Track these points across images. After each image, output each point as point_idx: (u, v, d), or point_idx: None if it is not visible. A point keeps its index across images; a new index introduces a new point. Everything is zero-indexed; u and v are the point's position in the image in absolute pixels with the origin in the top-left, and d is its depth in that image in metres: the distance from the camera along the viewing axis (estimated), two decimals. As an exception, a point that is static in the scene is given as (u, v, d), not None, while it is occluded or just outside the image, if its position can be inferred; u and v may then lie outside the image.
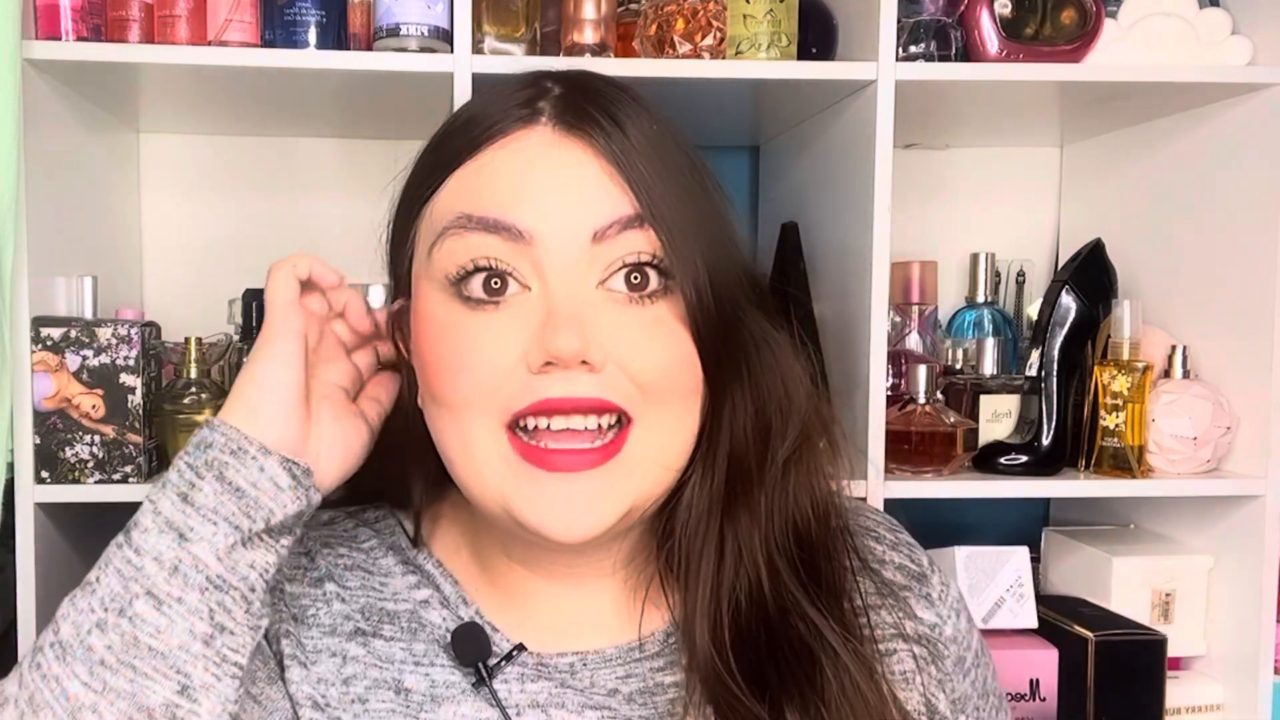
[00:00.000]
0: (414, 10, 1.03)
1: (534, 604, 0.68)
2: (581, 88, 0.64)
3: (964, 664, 0.71)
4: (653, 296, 0.61)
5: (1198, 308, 1.22)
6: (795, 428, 0.66)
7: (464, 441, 0.61)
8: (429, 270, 0.63)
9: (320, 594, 0.67)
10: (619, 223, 0.60)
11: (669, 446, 0.62)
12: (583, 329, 0.58)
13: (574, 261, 0.60)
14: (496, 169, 0.62)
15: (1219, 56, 1.12)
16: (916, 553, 0.74)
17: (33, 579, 1.02)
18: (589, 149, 0.61)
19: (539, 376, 0.59)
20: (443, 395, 0.61)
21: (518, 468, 0.60)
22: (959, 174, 1.46)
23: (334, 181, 1.39)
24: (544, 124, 0.62)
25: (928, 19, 1.11)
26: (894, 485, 1.09)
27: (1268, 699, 1.14)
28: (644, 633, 0.67)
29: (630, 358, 0.60)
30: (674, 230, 0.60)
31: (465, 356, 0.60)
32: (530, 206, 0.60)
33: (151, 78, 1.09)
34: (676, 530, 0.65)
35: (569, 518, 0.59)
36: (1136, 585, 1.20)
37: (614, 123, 0.62)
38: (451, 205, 0.62)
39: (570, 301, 0.59)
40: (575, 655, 0.66)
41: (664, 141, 0.63)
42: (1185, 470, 1.16)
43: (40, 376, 1.02)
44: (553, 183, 0.60)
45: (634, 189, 0.60)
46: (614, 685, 0.66)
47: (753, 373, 0.65)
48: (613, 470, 0.60)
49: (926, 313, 1.30)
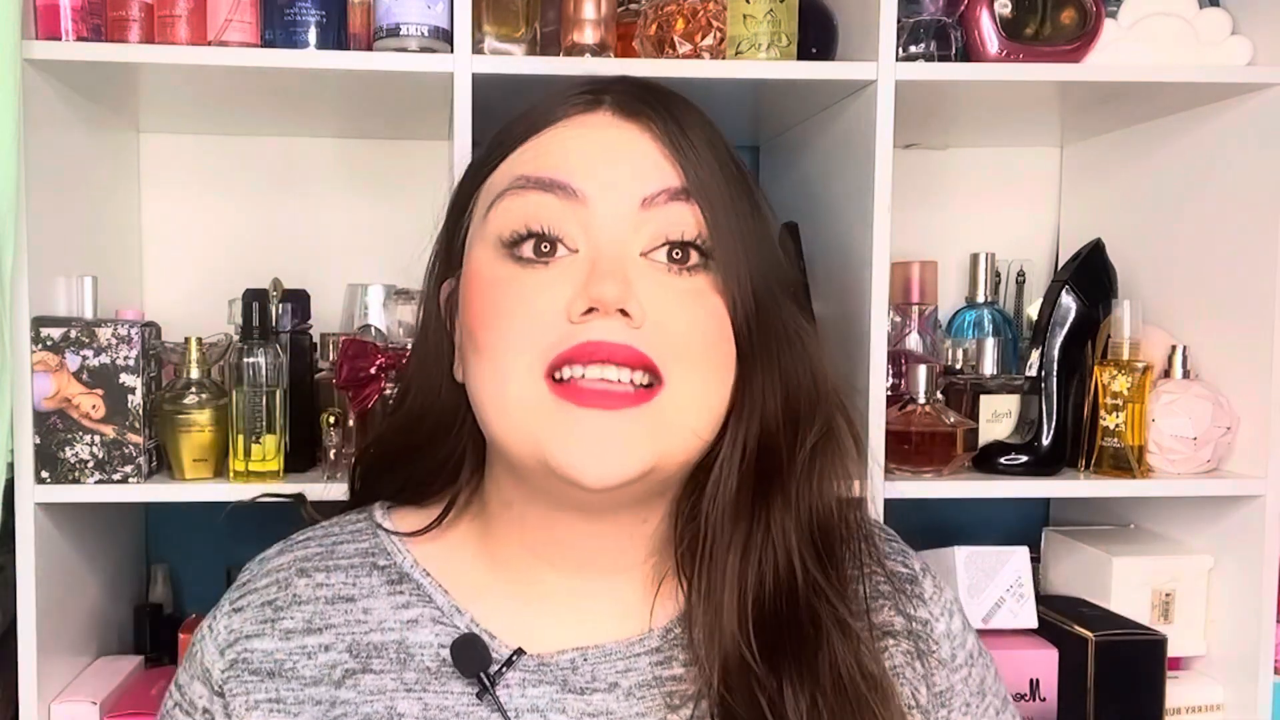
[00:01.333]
0: (414, 10, 1.03)
1: (539, 597, 0.68)
2: (642, 85, 0.68)
3: (955, 660, 0.72)
4: (693, 270, 0.63)
5: (1198, 308, 1.22)
6: (822, 419, 0.68)
7: (502, 387, 0.62)
8: (483, 231, 0.66)
9: (299, 646, 0.67)
10: (667, 192, 0.63)
11: (699, 413, 0.63)
12: (626, 279, 0.61)
13: (621, 223, 0.62)
14: (556, 142, 0.65)
15: (1219, 56, 1.12)
16: (909, 558, 0.75)
17: (33, 579, 1.02)
18: (645, 132, 0.64)
19: (579, 325, 0.60)
20: (486, 343, 0.63)
21: (553, 408, 0.61)
22: (959, 174, 1.46)
23: (334, 181, 1.39)
24: (604, 110, 0.66)
25: (928, 19, 1.11)
26: (894, 485, 1.09)
27: (1268, 699, 1.14)
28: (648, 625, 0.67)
29: (668, 319, 0.62)
30: (718, 210, 0.63)
31: (512, 306, 0.62)
32: (584, 170, 0.63)
33: (151, 78, 1.09)
34: (704, 509, 0.65)
35: (599, 457, 0.60)
36: (1136, 585, 1.20)
37: (670, 115, 0.65)
38: (510, 171, 0.65)
39: (616, 257, 0.62)
40: (575, 651, 0.66)
41: (715, 140, 0.66)
42: (1185, 470, 1.16)
43: (40, 376, 1.02)
44: (607, 150, 0.64)
45: (683, 167, 0.64)
46: (614, 679, 0.66)
47: (783, 360, 0.66)
48: (644, 417, 0.61)
49: (926, 313, 1.30)
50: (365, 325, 1.21)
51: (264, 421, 1.06)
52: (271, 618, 0.68)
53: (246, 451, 1.06)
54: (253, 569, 0.72)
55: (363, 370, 1.06)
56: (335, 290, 1.28)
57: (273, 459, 1.07)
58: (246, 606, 0.69)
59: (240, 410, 1.06)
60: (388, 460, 0.75)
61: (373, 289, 1.24)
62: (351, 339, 1.10)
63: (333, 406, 1.12)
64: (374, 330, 1.18)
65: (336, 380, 1.08)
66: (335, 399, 1.12)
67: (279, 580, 0.70)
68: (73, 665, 1.14)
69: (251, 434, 1.06)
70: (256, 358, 1.06)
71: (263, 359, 1.06)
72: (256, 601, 0.69)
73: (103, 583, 1.23)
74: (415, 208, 1.37)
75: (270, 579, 0.70)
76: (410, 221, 1.35)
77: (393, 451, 0.74)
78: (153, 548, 1.39)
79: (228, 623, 0.68)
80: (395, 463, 0.74)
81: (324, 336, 1.19)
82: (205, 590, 1.34)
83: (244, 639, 0.67)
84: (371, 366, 1.06)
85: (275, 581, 0.70)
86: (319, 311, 1.21)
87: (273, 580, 0.70)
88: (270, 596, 0.69)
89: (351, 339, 1.10)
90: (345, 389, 1.08)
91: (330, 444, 1.11)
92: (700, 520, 0.66)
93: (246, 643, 0.67)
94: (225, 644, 0.68)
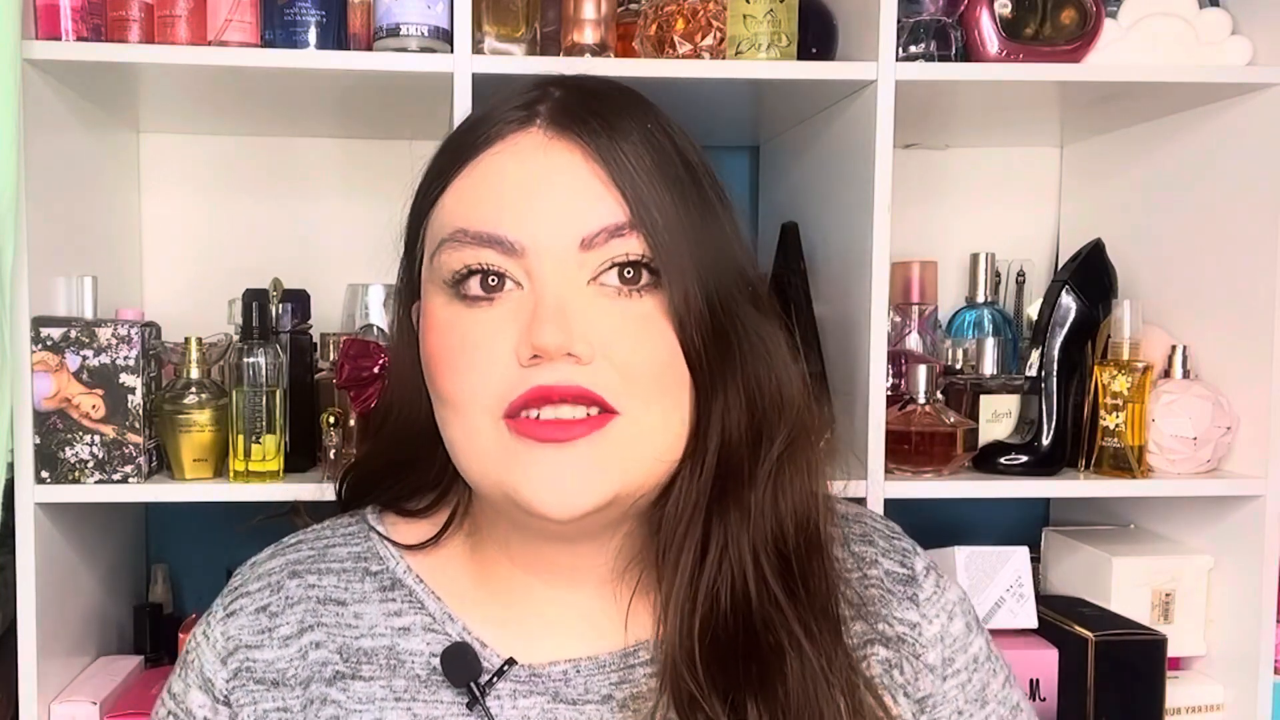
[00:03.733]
0: (414, 10, 1.03)
1: (531, 610, 0.68)
2: (580, 90, 0.65)
3: (951, 665, 0.70)
4: (643, 290, 0.62)
5: (1198, 308, 1.22)
6: (787, 428, 0.66)
7: (467, 434, 0.63)
8: (431, 275, 0.65)
9: (294, 651, 0.67)
10: (606, 230, 0.61)
11: (658, 439, 0.63)
12: (567, 323, 0.60)
13: (562, 266, 0.61)
14: (490, 179, 0.63)
15: (1219, 56, 1.12)
16: (911, 557, 0.73)
17: (33, 579, 1.02)
18: (578, 151, 0.62)
19: (529, 369, 0.60)
20: (446, 392, 0.63)
21: (513, 448, 0.61)
22: (959, 174, 1.46)
23: (334, 181, 1.39)
24: (537, 126, 0.64)
25: (928, 19, 1.11)
26: (894, 485, 1.09)
27: (1268, 699, 1.14)
28: (636, 637, 0.67)
29: (617, 351, 0.61)
30: (662, 233, 0.61)
31: (463, 354, 0.62)
32: (520, 219, 0.61)
33: (151, 78, 1.09)
34: (663, 523, 0.65)
35: (561, 489, 0.60)
36: (1136, 585, 1.20)
37: (607, 124, 0.63)
38: (450, 217, 0.64)
39: (557, 298, 0.60)
40: (568, 663, 0.66)
41: (658, 142, 0.64)
42: (1185, 470, 1.16)
43: (40, 376, 1.02)
44: (542, 191, 0.62)
45: (622, 192, 0.61)
46: (607, 691, 0.66)
47: (745, 372, 0.65)
48: (602, 446, 0.60)
49: (926, 313, 1.30)
50: (366, 325, 1.21)
51: (264, 421, 1.06)
52: (268, 626, 0.68)
53: (246, 451, 1.06)
54: (244, 573, 0.71)
55: (364, 370, 1.06)
56: (335, 290, 1.28)
57: (273, 459, 1.07)
58: (240, 611, 0.69)
59: (240, 410, 1.06)
60: (376, 474, 0.74)
61: (373, 289, 1.24)
62: (352, 339, 1.10)
63: (333, 406, 1.12)
64: (374, 330, 1.18)
65: (337, 380, 1.08)
66: (335, 399, 1.12)
67: (270, 584, 0.69)
68: (73, 665, 1.14)
69: (251, 434, 1.06)
70: (256, 358, 1.06)
71: (263, 359, 1.06)
72: (250, 607, 0.69)
73: (103, 583, 1.23)
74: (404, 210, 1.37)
75: (262, 583, 0.70)
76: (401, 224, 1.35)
77: (380, 467, 0.74)
78: (153, 548, 1.39)
79: (223, 629, 0.68)
80: (383, 476, 0.74)
81: (324, 336, 1.19)
82: (205, 590, 1.34)
83: (245, 649, 0.67)
84: (374, 366, 1.06)
85: (267, 585, 0.69)
86: (319, 311, 1.21)
87: (265, 584, 0.69)
88: (264, 602, 0.69)
89: (352, 339, 1.10)
90: (346, 389, 1.08)
91: (330, 444, 1.11)
92: (662, 538, 0.65)
93: (248, 653, 0.67)
94: (225, 652, 0.67)
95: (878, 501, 1.06)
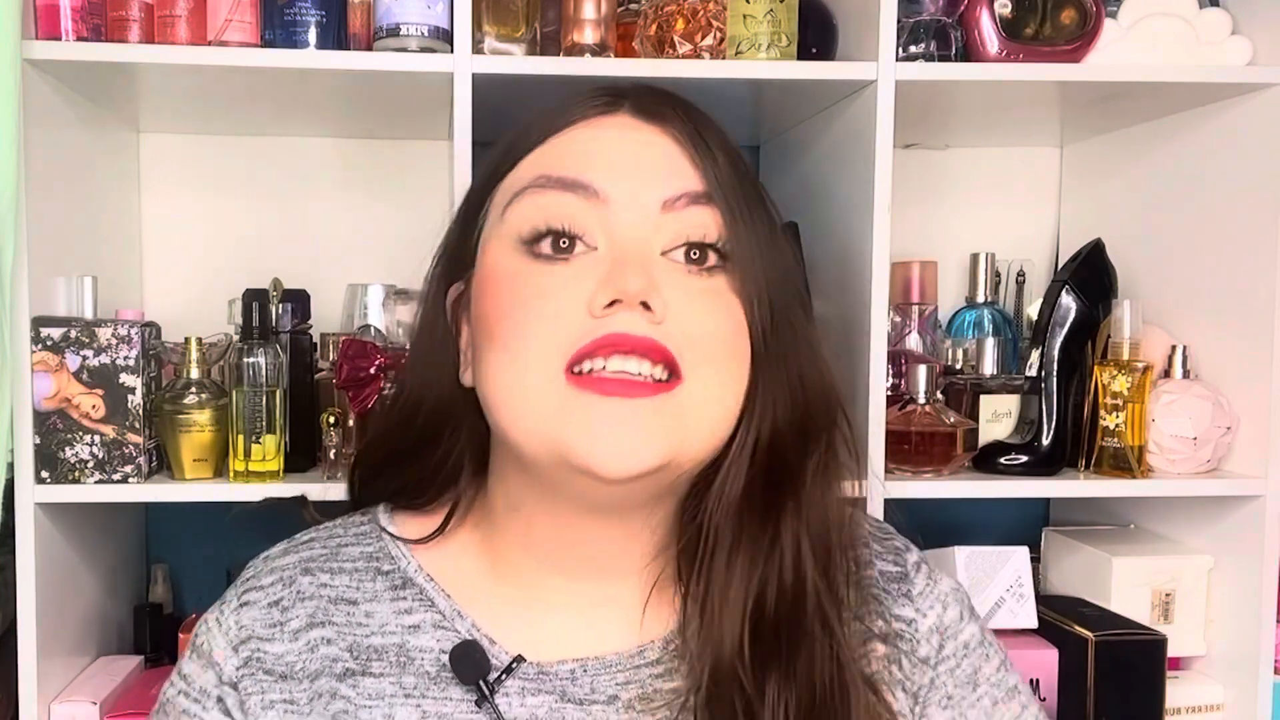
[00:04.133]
0: (414, 10, 1.03)
1: (543, 605, 0.68)
2: (662, 93, 0.69)
3: (941, 653, 0.71)
4: (711, 271, 0.64)
5: (1198, 308, 1.22)
6: (828, 428, 0.68)
7: (520, 382, 0.62)
8: (500, 230, 0.65)
9: (303, 645, 0.67)
10: (688, 195, 0.63)
11: (715, 411, 0.63)
12: (650, 274, 0.61)
13: (642, 223, 0.63)
14: (575, 141, 0.65)
15: (1219, 56, 1.12)
16: (903, 555, 0.74)
17: (33, 579, 1.02)
18: (664, 134, 0.65)
19: (601, 319, 0.60)
20: (504, 338, 0.62)
21: (572, 400, 0.60)
22: (959, 174, 1.46)
23: (334, 181, 1.39)
24: (624, 112, 0.66)
25: (928, 19, 1.11)
26: (894, 485, 1.09)
27: (1268, 699, 1.14)
28: (649, 637, 0.67)
29: (688, 317, 0.62)
30: (736, 215, 0.64)
31: (531, 301, 0.62)
32: (605, 170, 0.63)
33: (151, 78, 1.09)
34: (709, 509, 0.65)
35: (618, 446, 0.59)
36: (1136, 585, 1.20)
37: (690, 117, 0.66)
38: (529, 170, 0.65)
39: (638, 252, 0.62)
40: (575, 661, 0.66)
41: (730, 147, 0.67)
42: (1185, 470, 1.16)
43: (40, 376, 1.02)
44: (629, 152, 0.64)
45: (703, 171, 0.64)
46: (614, 691, 0.66)
47: (791, 364, 0.66)
48: (664, 409, 0.60)
49: (926, 313, 1.30)
50: (365, 325, 1.21)
51: (264, 421, 1.06)
52: (280, 620, 0.68)
53: (246, 451, 1.06)
54: (257, 565, 0.72)
55: (363, 370, 1.06)
56: (335, 290, 1.28)
57: (273, 459, 1.07)
58: (253, 604, 0.69)
59: (240, 410, 1.06)
60: (383, 462, 0.74)
61: (373, 289, 1.24)
62: (351, 339, 1.10)
63: (333, 406, 1.12)
64: (374, 330, 1.18)
65: (336, 380, 1.08)
66: (335, 399, 1.12)
67: (283, 578, 0.70)
68: (73, 665, 1.14)
69: (251, 434, 1.06)
70: (256, 358, 1.06)
71: (263, 359, 1.06)
72: (263, 600, 0.69)
73: (102, 583, 1.23)
74: (415, 208, 1.37)
75: (275, 576, 0.70)
76: (410, 221, 1.36)
77: (388, 454, 0.74)
78: (153, 548, 1.39)
79: (236, 618, 0.68)
80: (391, 465, 0.74)
81: (324, 336, 1.19)
82: (205, 590, 1.34)
83: (256, 639, 0.68)
84: (371, 366, 1.06)
85: (280, 579, 0.70)
86: (319, 311, 1.21)
87: (277, 578, 0.70)
88: (276, 596, 0.69)
89: (351, 339, 1.10)
90: (345, 389, 1.08)
91: (330, 444, 1.11)
92: (703, 522, 0.65)
93: (259, 644, 0.67)
94: (237, 640, 0.68)
95: (878, 501, 1.06)
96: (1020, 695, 0.74)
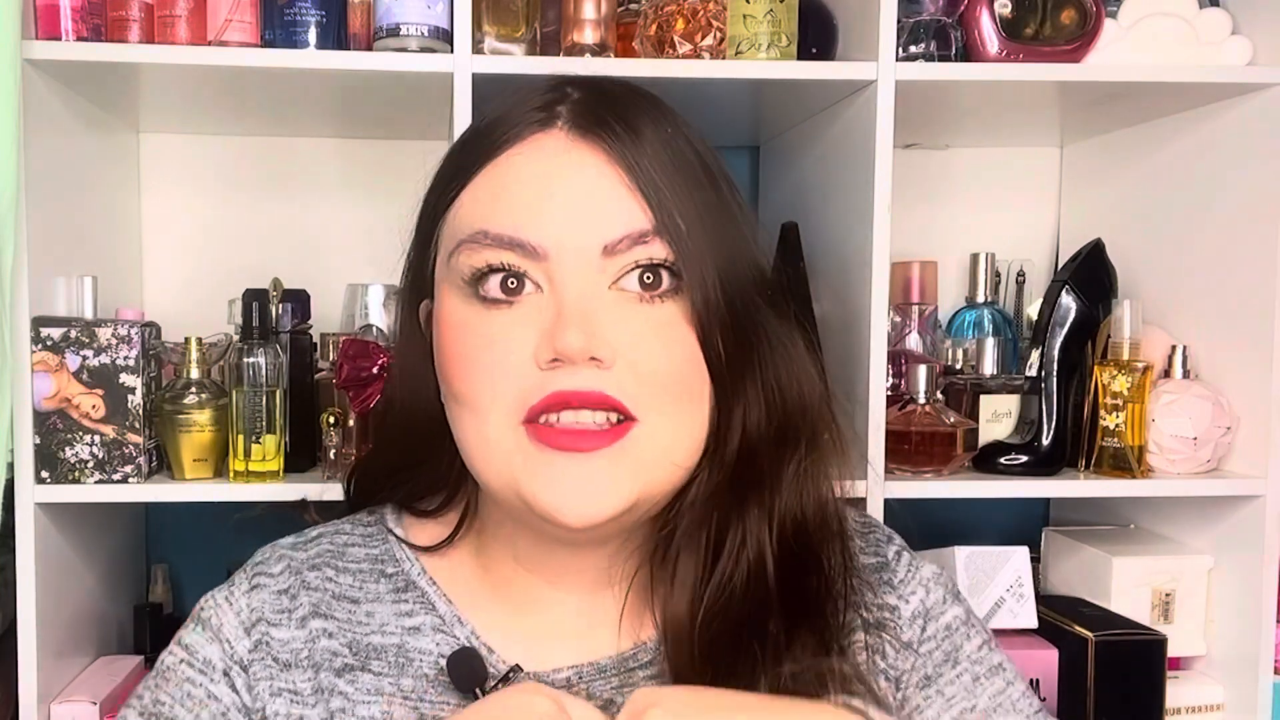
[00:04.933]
0: (414, 10, 1.03)
1: (536, 613, 0.68)
2: (599, 92, 0.66)
3: (922, 635, 0.70)
4: (664, 296, 0.62)
5: (1198, 308, 1.22)
6: (809, 428, 0.67)
7: (482, 436, 0.62)
8: (449, 274, 0.65)
9: (306, 634, 0.67)
10: (630, 237, 0.61)
11: (676, 445, 0.63)
12: (590, 327, 0.59)
13: (584, 269, 0.61)
14: (511, 179, 0.63)
15: (1219, 56, 1.12)
16: (883, 546, 0.73)
17: (33, 579, 1.02)
18: (602, 155, 0.62)
19: (549, 372, 0.60)
20: (461, 393, 0.63)
21: (531, 454, 0.60)
22: (959, 174, 1.46)
23: (334, 181, 1.39)
24: (559, 128, 0.63)
25: (928, 19, 1.11)
26: (894, 485, 1.09)
27: (1268, 699, 1.14)
28: (635, 639, 0.67)
29: (638, 356, 0.61)
30: (685, 238, 0.62)
31: (481, 354, 0.62)
32: (543, 223, 0.61)
33: (151, 78, 1.09)
34: (674, 520, 0.65)
35: (580, 498, 0.60)
36: (1136, 585, 1.20)
37: (629, 128, 0.63)
38: (470, 218, 0.64)
39: (580, 302, 0.60)
40: (571, 669, 0.66)
41: (679, 146, 0.64)
42: (1185, 470, 1.16)
43: (40, 376, 1.02)
44: (565, 195, 0.62)
45: (646, 197, 0.61)
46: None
47: (765, 373, 0.65)
48: (622, 456, 0.60)
49: (926, 313, 1.30)
50: (365, 325, 1.21)
51: (264, 421, 1.06)
52: (288, 607, 0.68)
53: (246, 451, 1.06)
54: (266, 552, 0.72)
55: (363, 370, 1.06)
56: (335, 290, 1.28)
57: (273, 459, 1.07)
58: (262, 588, 0.69)
59: (240, 410, 1.06)
60: (383, 472, 0.74)
61: (373, 289, 1.24)
62: (352, 339, 1.10)
63: (333, 406, 1.12)
64: (374, 330, 1.18)
65: (337, 380, 1.08)
66: (335, 399, 1.12)
67: (291, 567, 0.70)
68: (73, 665, 1.14)
69: (251, 434, 1.06)
70: (256, 358, 1.06)
71: (263, 359, 1.06)
72: (273, 587, 0.69)
73: (103, 583, 1.23)
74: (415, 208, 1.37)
75: (284, 564, 0.70)
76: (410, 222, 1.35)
77: (387, 465, 0.74)
78: (153, 548, 1.39)
79: (248, 600, 0.69)
80: (390, 474, 0.74)
81: (324, 336, 1.19)
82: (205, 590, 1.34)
83: (265, 623, 0.68)
84: (373, 366, 1.06)
85: (289, 568, 0.70)
86: (319, 311, 1.21)
87: (286, 566, 0.70)
88: (285, 584, 0.69)
89: (352, 339, 1.10)
90: (345, 389, 1.08)
91: (330, 444, 1.11)
92: (672, 529, 0.65)
93: (269, 629, 0.68)
94: (249, 622, 0.68)
95: (877, 501, 1.06)
96: (1004, 673, 0.72)
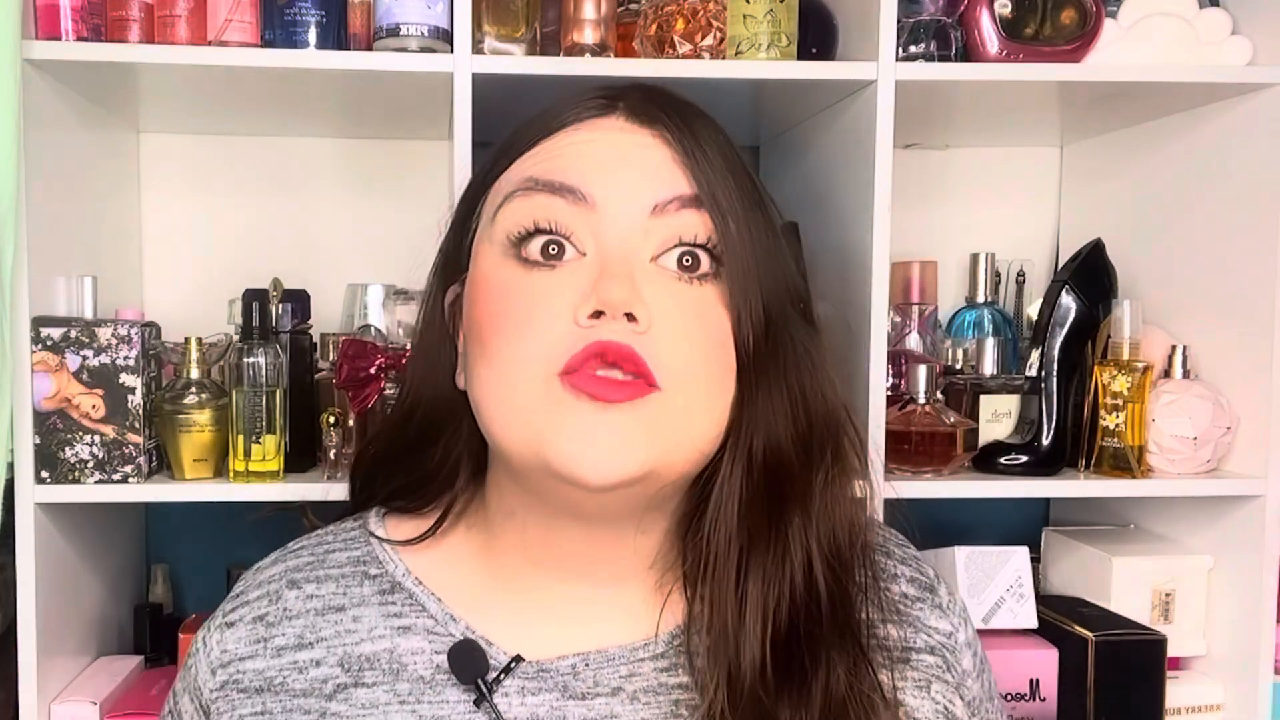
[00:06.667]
0: (414, 10, 1.03)
1: (540, 605, 0.68)
2: (657, 92, 0.68)
3: (976, 668, 0.73)
4: (702, 279, 0.63)
5: (1198, 308, 1.22)
6: (833, 440, 0.67)
7: (509, 391, 0.62)
8: (491, 233, 0.65)
9: (291, 662, 0.67)
10: (679, 199, 0.62)
11: (693, 424, 0.63)
12: (634, 284, 0.60)
13: (631, 228, 0.62)
14: (566, 145, 0.65)
15: (1219, 56, 1.12)
16: (923, 566, 0.75)
17: (33, 579, 1.02)
18: (657, 138, 0.64)
19: (585, 329, 0.60)
20: (493, 348, 0.62)
21: (560, 402, 0.60)
22: (959, 174, 1.46)
23: (334, 181, 1.39)
24: (618, 115, 0.65)
25: (928, 19, 1.11)
26: (894, 485, 1.08)
27: (1268, 699, 1.14)
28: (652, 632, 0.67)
29: (672, 328, 0.61)
30: (729, 223, 0.63)
31: (519, 312, 0.62)
32: (595, 174, 0.63)
33: (151, 78, 1.09)
34: (705, 531, 0.65)
35: (600, 452, 0.59)
36: (1136, 585, 1.20)
37: (685, 121, 0.65)
38: (519, 173, 0.65)
39: (624, 260, 0.61)
40: (576, 656, 0.66)
41: (731, 153, 0.66)
42: (1185, 470, 1.16)
43: (40, 376, 1.02)
44: (619, 156, 0.63)
45: (696, 176, 0.63)
46: (617, 684, 0.65)
47: (790, 379, 0.65)
48: (644, 414, 0.60)
49: (926, 313, 1.30)
50: (365, 325, 1.21)
51: (264, 421, 1.06)
52: (264, 636, 0.68)
53: (246, 451, 1.06)
54: (247, 579, 0.72)
55: (363, 370, 1.06)
56: (335, 290, 1.28)
57: (273, 459, 1.07)
58: (239, 621, 0.69)
59: (240, 410, 1.06)
60: (383, 462, 0.74)
61: (373, 289, 1.24)
62: (351, 339, 1.10)
63: (333, 406, 1.12)
64: (374, 330, 1.18)
65: (336, 380, 1.08)
66: (335, 399, 1.12)
67: (269, 593, 0.69)
68: (73, 665, 1.14)
69: (251, 434, 1.06)
70: (256, 358, 1.06)
71: (263, 359, 1.06)
72: (248, 616, 0.69)
73: (103, 583, 1.23)
74: (415, 208, 1.37)
75: (261, 590, 0.70)
76: (410, 221, 1.36)
77: (386, 451, 0.74)
78: (153, 548, 1.39)
79: (220, 638, 0.68)
80: (391, 465, 0.74)
81: (324, 336, 1.19)
82: (205, 590, 1.35)
83: (237, 660, 0.67)
84: (371, 366, 1.06)
85: (266, 594, 0.69)
86: (319, 311, 1.21)
87: (264, 593, 0.70)
88: (261, 611, 0.69)
89: (351, 339, 1.10)
90: (345, 389, 1.08)
91: (330, 444, 1.11)
92: (703, 541, 0.65)
93: (239, 664, 0.67)
94: (218, 664, 0.68)
95: (877, 502, 1.06)
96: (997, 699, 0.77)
